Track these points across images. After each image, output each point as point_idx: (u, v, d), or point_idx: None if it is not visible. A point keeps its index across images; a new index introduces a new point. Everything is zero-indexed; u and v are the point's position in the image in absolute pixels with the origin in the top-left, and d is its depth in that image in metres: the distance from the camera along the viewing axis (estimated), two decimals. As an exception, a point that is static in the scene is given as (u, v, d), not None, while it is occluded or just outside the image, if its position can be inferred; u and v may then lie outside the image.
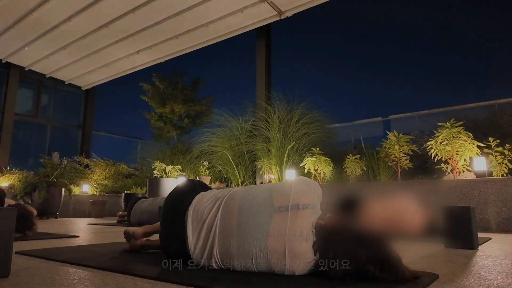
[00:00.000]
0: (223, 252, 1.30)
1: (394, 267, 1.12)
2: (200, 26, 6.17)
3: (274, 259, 1.19)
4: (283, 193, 1.27)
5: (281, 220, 1.21)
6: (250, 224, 1.25)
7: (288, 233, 1.18)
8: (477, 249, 2.03)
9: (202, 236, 1.35)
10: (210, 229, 1.33)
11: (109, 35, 6.48)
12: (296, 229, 1.18)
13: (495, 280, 1.22)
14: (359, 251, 1.11)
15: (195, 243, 1.36)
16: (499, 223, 3.33)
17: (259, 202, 1.29)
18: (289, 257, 1.17)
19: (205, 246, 1.34)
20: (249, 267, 1.25)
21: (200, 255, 1.36)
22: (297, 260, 1.17)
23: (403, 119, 8.24)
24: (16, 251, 1.77)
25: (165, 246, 1.50)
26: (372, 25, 11.46)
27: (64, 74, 8.35)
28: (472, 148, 3.84)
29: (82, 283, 1.17)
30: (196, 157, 6.45)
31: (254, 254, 1.22)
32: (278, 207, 1.24)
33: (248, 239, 1.24)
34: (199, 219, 1.37)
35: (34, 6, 5.60)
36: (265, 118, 5.69)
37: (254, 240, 1.22)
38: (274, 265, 1.19)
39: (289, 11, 5.72)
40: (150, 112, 9.38)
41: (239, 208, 1.30)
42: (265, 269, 1.23)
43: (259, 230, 1.22)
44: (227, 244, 1.28)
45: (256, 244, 1.22)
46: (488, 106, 6.19)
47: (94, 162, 7.70)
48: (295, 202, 1.23)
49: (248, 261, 1.24)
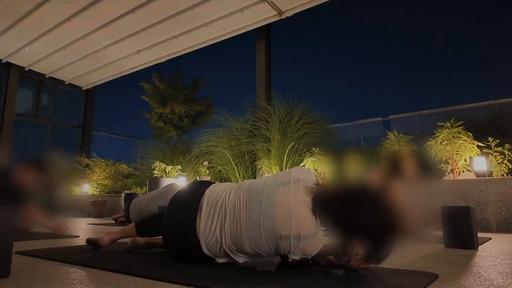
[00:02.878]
0: (234, 229, 1.36)
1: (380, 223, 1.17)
2: (200, 26, 6.17)
3: (280, 226, 1.27)
4: (285, 173, 1.45)
5: (285, 191, 1.34)
6: (258, 197, 1.37)
7: (292, 201, 1.30)
8: (477, 249, 2.03)
9: (214, 218, 1.42)
10: (223, 210, 1.42)
11: (109, 35, 6.48)
12: (299, 197, 1.31)
13: (495, 280, 1.22)
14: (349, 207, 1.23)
15: (205, 223, 1.42)
16: (499, 223, 3.33)
17: (265, 181, 1.45)
18: (294, 222, 1.26)
19: (216, 226, 1.40)
20: (258, 242, 1.31)
21: (209, 238, 1.40)
22: (302, 225, 1.27)
23: (403, 119, 8.24)
24: (16, 251, 1.77)
25: (173, 236, 1.51)
26: (372, 25, 11.47)
27: (64, 74, 8.35)
28: (472, 148, 3.84)
29: (82, 283, 1.17)
30: (196, 157, 6.44)
31: (262, 223, 1.31)
32: (282, 182, 1.39)
33: (256, 210, 1.34)
34: (213, 204, 1.45)
35: (34, 6, 5.60)
36: (265, 118, 5.68)
37: (262, 210, 1.32)
38: (281, 230, 1.27)
39: (289, 11, 5.71)
40: (150, 112, 9.39)
41: (249, 188, 1.44)
42: (272, 241, 1.29)
43: (266, 201, 1.34)
44: (237, 218, 1.37)
45: (264, 213, 1.32)
46: (488, 106, 6.19)
47: (94, 162, 7.69)
48: (296, 176, 1.38)
49: (257, 232, 1.31)
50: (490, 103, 6.25)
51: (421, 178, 1.30)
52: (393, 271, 1.38)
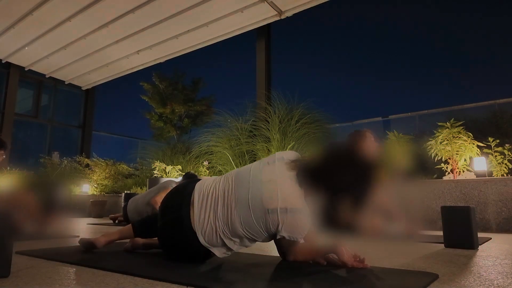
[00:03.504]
0: (225, 212, 1.40)
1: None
2: (200, 26, 6.17)
3: (267, 201, 1.33)
4: (270, 156, 1.54)
5: (271, 169, 1.42)
6: (245, 179, 1.43)
7: (278, 176, 1.37)
8: (477, 249, 2.03)
9: (207, 207, 1.44)
10: (214, 198, 1.45)
11: (109, 35, 6.49)
12: (285, 172, 1.38)
13: (495, 280, 1.22)
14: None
15: (199, 214, 1.44)
16: (499, 223, 3.33)
17: (252, 165, 1.53)
18: (280, 196, 1.32)
19: (209, 214, 1.43)
20: (248, 220, 1.35)
21: (205, 226, 1.42)
22: (288, 198, 1.32)
23: (403, 119, 8.23)
24: (16, 251, 1.77)
25: (169, 234, 1.53)
26: (372, 25, 11.48)
27: (64, 74, 8.35)
28: (472, 148, 3.84)
29: (82, 283, 1.17)
30: (196, 157, 6.44)
31: (250, 200, 1.35)
32: (267, 162, 1.48)
33: (244, 190, 1.39)
34: (204, 196, 1.48)
35: (34, 6, 5.60)
36: (265, 118, 5.68)
37: (250, 188, 1.38)
38: (268, 204, 1.32)
39: (289, 11, 5.72)
40: (150, 112, 9.39)
41: (236, 173, 1.50)
42: (261, 216, 1.34)
43: (253, 180, 1.40)
44: (227, 201, 1.41)
45: (251, 191, 1.37)
46: (488, 106, 6.18)
47: (94, 162, 7.69)
48: (280, 156, 1.47)
49: (246, 210, 1.35)
50: (490, 103, 6.25)
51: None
52: (393, 271, 1.38)
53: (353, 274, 1.29)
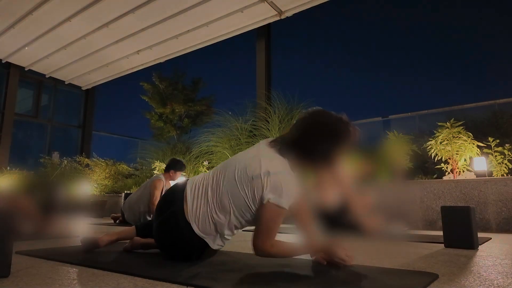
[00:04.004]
0: (215, 192, 1.47)
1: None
2: (200, 26, 6.17)
3: (251, 170, 1.41)
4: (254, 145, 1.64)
5: (256, 149, 1.53)
6: (232, 161, 1.54)
7: (261, 152, 1.48)
8: (477, 249, 2.03)
9: (199, 196, 1.50)
10: (205, 187, 1.52)
11: (109, 35, 6.48)
12: (268, 149, 1.49)
13: (495, 280, 1.22)
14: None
15: (192, 205, 1.48)
16: (499, 223, 3.33)
17: (238, 154, 1.64)
18: (263, 163, 1.41)
19: (201, 201, 1.48)
20: (234, 191, 1.42)
21: (198, 214, 1.47)
22: (271, 163, 1.41)
23: (403, 119, 8.22)
24: (16, 251, 1.77)
25: (163, 232, 1.56)
26: (372, 25, 11.48)
27: (64, 74, 8.35)
28: (472, 148, 3.84)
29: (82, 283, 1.17)
30: (196, 157, 6.44)
31: (237, 175, 1.43)
32: (252, 146, 1.61)
33: (231, 168, 1.48)
34: (196, 188, 1.53)
35: (34, 6, 5.60)
36: (265, 118, 5.68)
37: (236, 165, 1.47)
38: (252, 172, 1.40)
39: (289, 11, 5.72)
40: (150, 112, 9.38)
41: (225, 162, 1.60)
42: (246, 185, 1.40)
43: (240, 159, 1.50)
44: (216, 182, 1.49)
45: (238, 167, 1.45)
46: (488, 106, 6.18)
47: (94, 162, 7.69)
48: (264, 140, 1.58)
49: (233, 183, 1.43)
50: (490, 103, 6.25)
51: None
52: (393, 271, 1.38)
53: (353, 274, 1.29)
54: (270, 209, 1.36)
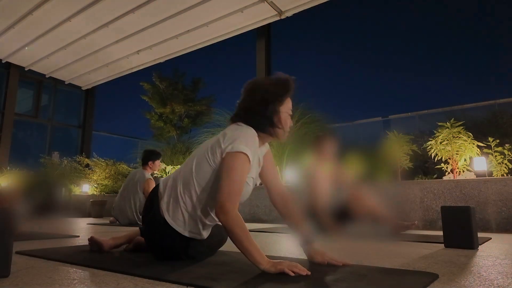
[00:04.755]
0: (180, 176, 1.50)
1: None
2: (200, 26, 6.17)
3: (212, 141, 1.48)
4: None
5: (220, 135, 1.52)
6: (198, 148, 1.58)
7: (222, 131, 1.52)
8: (477, 249, 2.03)
9: (171, 189, 1.51)
10: (174, 178, 1.53)
11: (109, 35, 6.49)
12: (227, 128, 1.52)
13: (495, 280, 1.22)
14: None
15: (165, 198, 1.49)
16: (499, 223, 3.33)
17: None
18: (221, 133, 1.48)
19: (171, 191, 1.50)
20: (199, 163, 1.45)
21: (170, 203, 1.47)
22: (229, 128, 1.48)
23: (403, 119, 8.23)
24: (16, 251, 1.77)
25: (147, 233, 1.60)
26: (372, 25, 11.48)
27: (64, 74, 8.35)
28: (472, 148, 3.84)
29: (82, 283, 1.17)
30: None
31: (199, 150, 1.51)
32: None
33: (199, 152, 1.51)
34: (167, 182, 1.55)
35: (34, 6, 5.60)
36: (265, 118, 5.68)
37: (203, 149, 1.49)
38: (212, 141, 1.48)
39: (289, 11, 5.72)
40: (150, 112, 9.38)
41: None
42: (207, 152, 1.44)
43: (205, 145, 1.53)
44: (185, 167, 1.52)
45: (204, 150, 1.47)
46: (488, 106, 6.18)
47: (94, 162, 7.70)
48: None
49: (193, 158, 1.49)
50: (490, 103, 6.25)
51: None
52: (393, 271, 1.38)
53: (354, 274, 1.29)
54: (228, 158, 1.36)
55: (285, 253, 1.96)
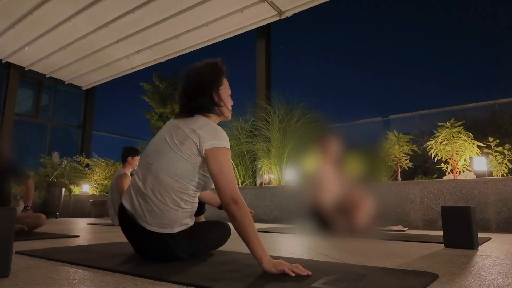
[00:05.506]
0: (144, 174, 1.53)
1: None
2: (200, 26, 6.17)
3: (179, 136, 1.50)
4: None
5: (167, 126, 1.63)
6: (148, 150, 1.63)
7: (176, 123, 1.57)
8: (477, 249, 2.03)
9: (133, 197, 1.54)
10: (132, 186, 1.58)
11: (109, 35, 6.48)
12: (178, 121, 1.58)
13: (495, 280, 1.22)
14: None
15: (132, 208, 1.52)
16: (499, 223, 3.33)
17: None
18: (185, 128, 1.50)
19: (130, 189, 1.56)
20: (175, 161, 1.47)
21: (143, 212, 1.48)
22: (191, 122, 1.52)
23: (403, 119, 8.21)
24: (16, 251, 1.77)
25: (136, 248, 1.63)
26: (372, 25, 11.49)
27: (64, 74, 8.34)
28: (472, 148, 3.84)
29: (82, 283, 1.17)
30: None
31: (172, 148, 1.49)
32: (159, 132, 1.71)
33: (157, 154, 1.54)
34: (128, 196, 1.59)
35: (34, 6, 5.59)
36: (265, 118, 5.68)
37: (163, 149, 1.52)
38: (180, 138, 1.49)
39: (289, 11, 5.72)
40: (150, 112, 9.38)
41: (142, 157, 1.67)
42: (175, 148, 1.48)
43: (155, 142, 1.61)
44: (147, 165, 1.55)
45: (167, 149, 1.50)
46: (488, 106, 6.18)
47: (94, 162, 7.70)
48: (169, 121, 1.68)
49: (173, 156, 1.49)
50: (490, 103, 6.24)
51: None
52: (393, 271, 1.38)
53: (354, 274, 1.29)
54: (216, 153, 1.42)
55: (285, 253, 1.96)
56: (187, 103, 1.59)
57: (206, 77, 1.59)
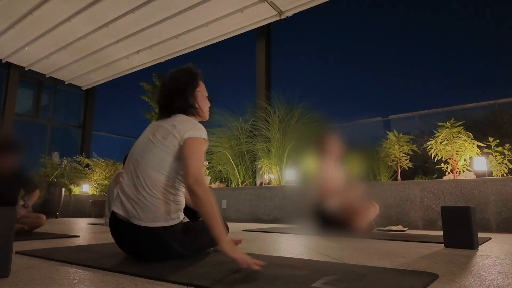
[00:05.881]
0: (131, 174, 1.59)
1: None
2: (200, 26, 6.17)
3: (162, 133, 1.59)
4: None
5: (150, 128, 1.72)
6: (133, 151, 1.70)
7: (159, 123, 1.67)
8: (477, 249, 2.03)
9: (123, 200, 1.59)
10: (120, 190, 1.63)
11: (109, 35, 6.48)
12: (161, 121, 1.68)
13: (495, 280, 1.22)
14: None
15: (123, 210, 1.57)
16: (499, 223, 3.33)
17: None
18: (168, 126, 1.60)
19: (119, 195, 1.61)
20: (160, 155, 1.55)
21: (135, 211, 1.53)
22: (174, 121, 1.61)
23: (403, 119, 8.21)
24: (16, 251, 1.77)
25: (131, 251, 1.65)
26: (372, 25, 11.49)
27: (64, 74, 8.34)
28: (472, 148, 3.84)
29: (82, 283, 1.17)
30: (196, 157, 6.42)
31: (157, 144, 1.57)
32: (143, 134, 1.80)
33: (143, 150, 1.62)
34: (116, 199, 1.65)
35: (34, 6, 5.59)
36: (265, 118, 5.69)
37: (150, 147, 1.60)
38: (162, 134, 1.59)
39: (289, 11, 5.71)
40: (150, 112, 9.38)
41: (126, 162, 1.73)
42: (169, 142, 1.56)
43: (146, 143, 1.64)
44: (135, 164, 1.61)
45: (153, 146, 1.59)
46: (488, 106, 6.17)
47: (94, 162, 7.70)
48: (150, 124, 1.79)
49: (158, 152, 1.56)
50: (490, 103, 6.24)
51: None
52: (393, 271, 1.38)
53: (354, 274, 1.29)
54: (191, 142, 1.52)
55: (285, 253, 1.96)
56: (165, 105, 1.71)
57: (180, 81, 1.73)
